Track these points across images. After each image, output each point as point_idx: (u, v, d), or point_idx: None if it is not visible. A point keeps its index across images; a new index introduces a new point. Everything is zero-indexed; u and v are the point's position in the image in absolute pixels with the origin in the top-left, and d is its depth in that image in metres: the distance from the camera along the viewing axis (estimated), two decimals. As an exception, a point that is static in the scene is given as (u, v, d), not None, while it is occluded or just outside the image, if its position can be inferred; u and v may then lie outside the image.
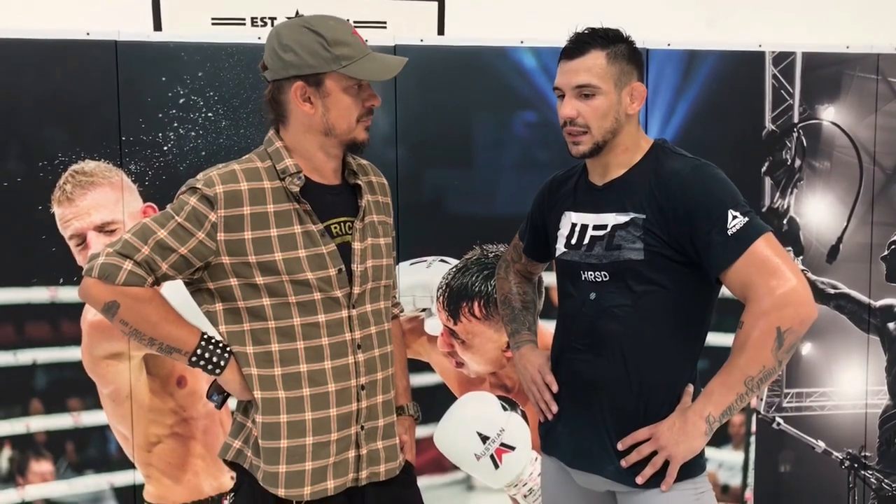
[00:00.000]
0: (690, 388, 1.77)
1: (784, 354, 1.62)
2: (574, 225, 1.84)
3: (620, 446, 1.75)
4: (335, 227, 1.75)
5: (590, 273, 1.79)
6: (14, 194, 2.54)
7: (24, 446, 2.62)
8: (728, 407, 1.66)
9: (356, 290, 1.75)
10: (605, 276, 1.77)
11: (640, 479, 1.73)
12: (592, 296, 1.79)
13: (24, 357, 2.60)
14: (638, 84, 1.77)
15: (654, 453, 1.71)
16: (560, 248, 1.87)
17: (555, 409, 1.88)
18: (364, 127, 1.74)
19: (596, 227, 1.79)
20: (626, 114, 1.76)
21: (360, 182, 1.81)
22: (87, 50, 2.55)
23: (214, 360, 1.71)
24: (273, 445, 1.71)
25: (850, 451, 3.03)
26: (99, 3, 2.98)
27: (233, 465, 1.81)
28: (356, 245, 1.76)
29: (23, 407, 2.61)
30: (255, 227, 1.67)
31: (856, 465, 3.03)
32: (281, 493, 1.71)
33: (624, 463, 1.74)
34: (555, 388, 1.87)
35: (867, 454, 3.04)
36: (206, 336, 1.72)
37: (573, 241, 1.83)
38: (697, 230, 1.66)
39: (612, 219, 1.76)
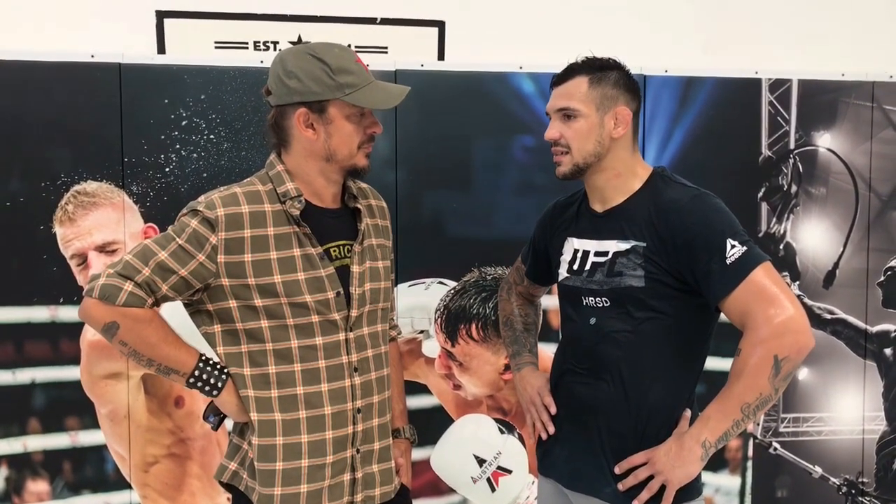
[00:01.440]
0: (688, 413, 1.78)
1: (781, 382, 1.63)
2: (576, 251, 1.86)
3: (617, 470, 1.76)
4: (334, 251, 1.77)
5: (591, 298, 1.81)
6: (16, 214, 2.56)
7: (21, 465, 2.62)
8: (724, 433, 1.67)
9: (354, 312, 1.76)
10: (606, 302, 1.79)
11: (636, 503, 1.73)
12: (593, 321, 1.81)
13: (23, 376, 2.60)
14: (622, 108, 1.80)
15: (651, 477, 1.72)
16: (562, 272, 1.89)
17: (552, 430, 1.89)
18: (365, 153, 1.76)
19: (597, 254, 1.81)
20: (611, 137, 1.79)
21: (359, 206, 1.83)
22: (91, 72, 2.57)
23: (212, 381, 1.72)
24: (269, 467, 1.71)
25: (848, 476, 3.02)
26: (103, 26, 3.02)
27: (228, 486, 1.81)
28: (355, 268, 1.77)
29: (20, 426, 2.61)
30: (255, 250, 1.69)
31: (853, 491, 3.02)
32: (276, 514, 1.71)
33: (621, 486, 1.75)
34: (553, 409, 1.89)
35: (864, 480, 3.03)
36: (203, 358, 1.73)
37: (575, 267, 1.85)
38: (696, 259, 1.68)
39: (613, 246, 1.79)
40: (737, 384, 1.64)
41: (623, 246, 1.77)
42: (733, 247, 1.66)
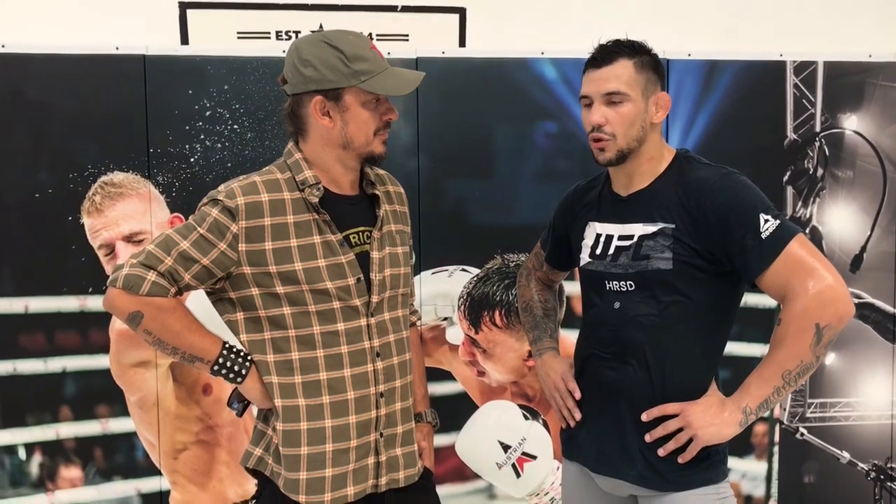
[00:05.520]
0: (714, 386, 1.79)
1: (822, 350, 1.64)
2: (599, 235, 1.86)
3: (645, 417, 1.76)
4: (354, 237, 1.78)
5: (615, 283, 1.81)
6: (45, 205, 2.60)
7: (54, 452, 2.67)
8: (765, 399, 1.68)
9: (374, 298, 1.77)
10: (631, 286, 1.78)
11: (661, 452, 1.74)
12: (617, 305, 1.81)
13: (54, 365, 2.65)
14: (663, 94, 1.81)
15: (681, 430, 1.73)
16: (584, 257, 1.89)
17: (578, 416, 1.90)
18: (381, 140, 1.77)
19: (622, 238, 1.81)
20: (651, 122, 1.79)
21: (377, 192, 1.84)
22: (116, 64, 2.60)
23: (236, 368, 1.74)
24: (293, 453, 1.73)
25: (876, 462, 3.00)
26: (127, 18, 3.05)
27: (254, 472, 1.84)
28: (374, 254, 1.79)
29: (53, 414, 2.66)
30: (276, 238, 1.70)
31: (882, 477, 3.00)
32: (302, 499, 1.73)
33: (648, 437, 1.76)
34: (578, 395, 1.89)
35: (893, 465, 3.00)
36: (227, 345, 1.74)
37: (598, 252, 1.85)
38: (731, 237, 1.68)
39: (639, 229, 1.78)
40: (778, 352, 1.66)
41: (650, 229, 1.76)
42: (766, 221, 1.66)
